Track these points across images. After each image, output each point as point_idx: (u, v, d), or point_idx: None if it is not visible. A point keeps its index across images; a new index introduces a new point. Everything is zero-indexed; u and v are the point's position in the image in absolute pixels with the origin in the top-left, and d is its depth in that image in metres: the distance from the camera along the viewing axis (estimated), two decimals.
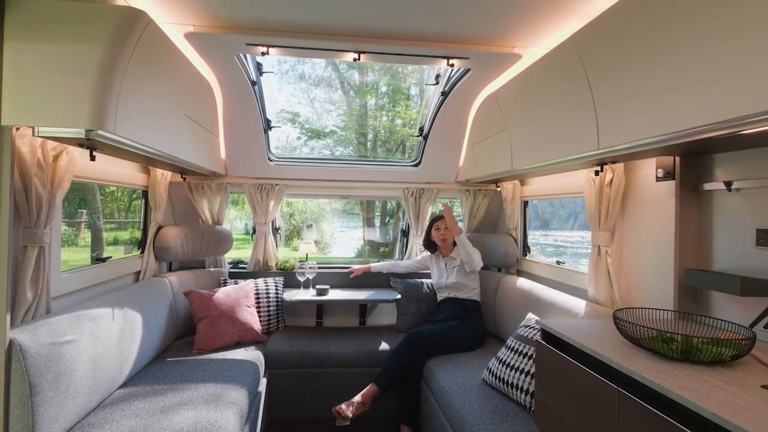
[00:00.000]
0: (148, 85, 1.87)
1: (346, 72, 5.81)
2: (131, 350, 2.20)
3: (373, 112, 6.46)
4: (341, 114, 6.68)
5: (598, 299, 2.28)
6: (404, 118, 6.60)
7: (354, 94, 6.29)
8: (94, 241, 4.68)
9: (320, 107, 6.65)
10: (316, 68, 6.19)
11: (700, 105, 1.27)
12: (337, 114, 6.74)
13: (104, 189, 4.34)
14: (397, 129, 6.35)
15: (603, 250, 2.25)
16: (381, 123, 6.43)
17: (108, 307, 2.08)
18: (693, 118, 1.30)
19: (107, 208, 4.89)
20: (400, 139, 6.34)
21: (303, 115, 6.45)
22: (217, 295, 2.86)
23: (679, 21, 1.33)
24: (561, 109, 2.03)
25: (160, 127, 2.05)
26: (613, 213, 2.23)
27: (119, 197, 5.07)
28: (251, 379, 2.38)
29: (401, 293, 3.32)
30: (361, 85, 6.03)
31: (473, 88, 2.88)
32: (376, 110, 6.40)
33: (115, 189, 4.58)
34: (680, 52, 1.34)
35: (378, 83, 6.04)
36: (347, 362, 2.88)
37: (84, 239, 4.58)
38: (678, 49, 1.35)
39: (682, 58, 1.34)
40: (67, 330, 1.74)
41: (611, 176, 2.21)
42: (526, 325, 2.34)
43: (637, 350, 1.37)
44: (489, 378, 2.30)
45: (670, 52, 1.38)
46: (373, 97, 6.30)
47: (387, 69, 6.03)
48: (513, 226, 3.39)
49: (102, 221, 4.50)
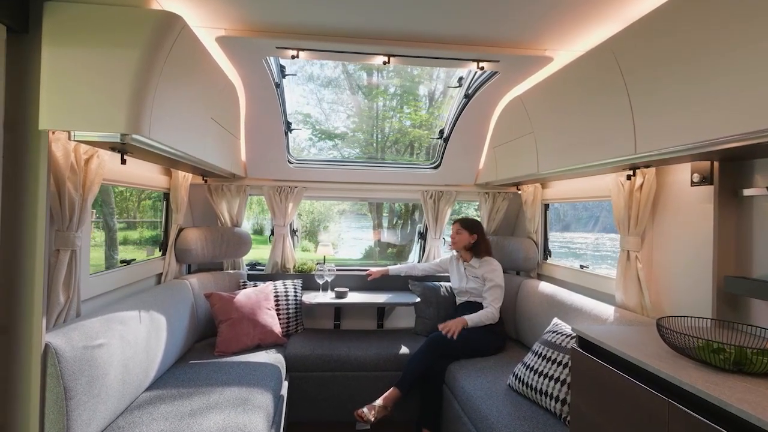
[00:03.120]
0: (180, 89, 1.87)
1: (355, 73, 5.81)
2: (157, 353, 2.20)
3: (383, 113, 6.45)
4: (351, 115, 6.68)
5: (627, 305, 2.24)
6: (414, 120, 6.59)
7: (363, 96, 6.29)
8: (110, 241, 4.70)
9: (329, 108, 6.66)
10: (325, 69, 6.21)
11: (744, 111, 1.25)
12: (347, 115, 6.74)
13: (115, 189, 4.35)
14: (408, 130, 6.34)
15: (633, 255, 2.22)
16: (391, 125, 6.42)
17: (135, 310, 2.08)
18: (736, 124, 1.27)
19: (117, 207, 4.90)
20: (409, 140, 6.33)
21: (312, 116, 6.46)
22: (237, 298, 2.86)
23: (723, 25, 1.31)
24: (593, 112, 2.00)
25: (188, 130, 2.04)
26: (643, 218, 2.20)
27: (128, 197, 5.09)
28: (275, 383, 2.37)
29: (420, 296, 3.30)
30: (370, 87, 6.03)
31: (498, 91, 2.86)
32: (386, 112, 6.38)
33: (125, 189, 4.58)
34: (725, 56, 1.31)
35: (387, 85, 6.03)
36: (367, 365, 2.87)
37: (94, 239, 4.60)
38: (722, 54, 1.32)
39: (726, 63, 1.31)
40: (99, 333, 1.74)
41: (641, 180, 2.18)
42: (553, 331, 2.31)
43: (683, 360, 1.34)
44: (515, 384, 2.28)
45: (714, 56, 1.35)
46: (383, 99, 6.28)
47: (398, 71, 6.03)
48: (533, 230, 3.36)
49: (115, 222, 4.52)
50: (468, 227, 3.09)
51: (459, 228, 3.09)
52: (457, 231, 3.09)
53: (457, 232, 3.09)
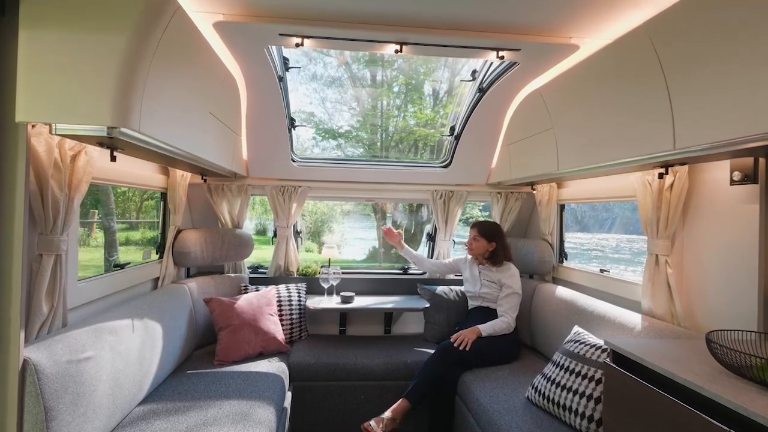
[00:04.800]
0: (174, 80, 1.72)
1: (359, 72, 5.72)
2: (152, 363, 2.06)
3: (387, 112, 6.37)
4: (355, 114, 6.60)
5: (655, 312, 2.09)
6: (419, 119, 6.48)
7: (366, 95, 6.20)
8: (108, 243, 4.57)
9: (332, 108, 6.60)
10: (328, 68, 6.14)
11: None
12: (351, 114, 6.67)
13: (116, 189, 4.22)
14: (414, 129, 6.24)
15: (662, 259, 2.06)
16: (396, 123, 6.35)
17: (128, 318, 1.93)
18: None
19: (118, 207, 4.78)
20: (414, 139, 6.23)
21: (316, 115, 6.39)
22: (239, 303, 2.71)
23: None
24: (624, 104, 1.84)
25: (185, 125, 1.90)
26: (674, 219, 2.04)
27: (131, 197, 4.96)
28: (277, 395, 2.23)
29: (429, 301, 3.14)
30: (374, 85, 5.93)
31: (516, 83, 2.69)
32: (389, 111, 6.31)
33: (127, 189, 4.46)
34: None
35: (392, 82, 5.94)
36: (374, 375, 2.72)
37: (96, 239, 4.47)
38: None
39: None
40: (86, 345, 1.59)
41: (672, 179, 2.02)
42: (575, 340, 2.16)
43: (740, 381, 1.18)
44: (535, 397, 2.12)
45: (760, 42, 1.20)
46: (388, 98, 6.20)
47: (403, 69, 5.90)
48: (548, 231, 3.20)
49: (115, 222, 4.39)
50: (486, 235, 2.89)
51: (476, 234, 2.90)
52: (474, 237, 2.91)
53: (474, 238, 2.91)
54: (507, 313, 2.74)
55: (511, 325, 2.72)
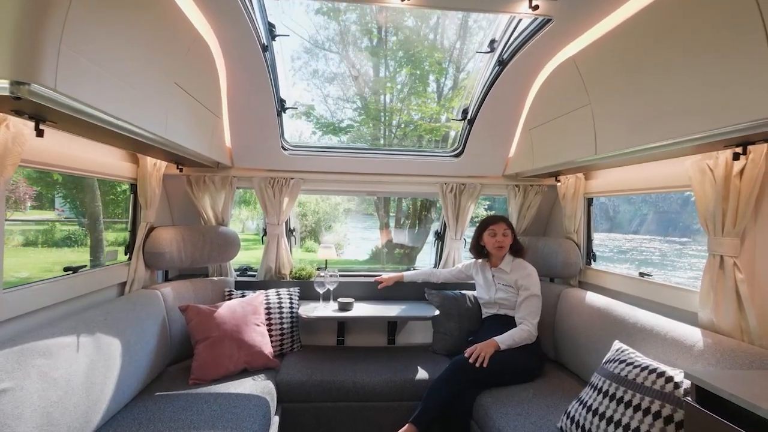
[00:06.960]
0: (110, 26, 1.33)
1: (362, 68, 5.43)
2: (104, 389, 1.69)
3: (391, 106, 6.12)
4: (358, 108, 6.35)
5: (719, 327, 1.71)
6: (424, 113, 6.16)
7: (369, 90, 5.93)
8: (95, 243, 4.21)
9: (334, 104, 6.39)
10: (330, 64, 5.94)
11: None
12: (354, 108, 6.43)
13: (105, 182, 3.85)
14: (419, 123, 5.95)
15: (729, 261, 1.67)
16: (400, 116, 6.10)
17: (71, 335, 1.57)
18: None
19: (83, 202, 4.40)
20: (419, 134, 5.95)
21: (317, 110, 6.15)
22: (219, 312, 2.34)
23: None
24: (696, 66, 1.45)
25: (136, 94, 1.52)
26: (744, 213, 1.65)
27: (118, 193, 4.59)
28: (259, 424, 1.86)
29: (439, 308, 2.77)
30: (377, 79, 5.66)
31: (545, 50, 2.28)
32: (394, 105, 6.07)
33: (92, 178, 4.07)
34: None
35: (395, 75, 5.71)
36: (376, 394, 2.36)
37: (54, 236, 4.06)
38: None
39: None
40: (2, 374, 1.23)
41: (743, 163, 1.63)
42: (616, 360, 1.77)
43: None
44: (570, 428, 1.74)
45: None
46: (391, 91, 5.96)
47: (408, 59, 5.58)
48: (574, 229, 2.81)
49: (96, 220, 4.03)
50: (512, 227, 2.64)
51: (506, 228, 2.59)
52: (503, 233, 2.57)
53: (503, 233, 2.57)
54: (526, 319, 2.37)
55: (533, 334, 2.35)
